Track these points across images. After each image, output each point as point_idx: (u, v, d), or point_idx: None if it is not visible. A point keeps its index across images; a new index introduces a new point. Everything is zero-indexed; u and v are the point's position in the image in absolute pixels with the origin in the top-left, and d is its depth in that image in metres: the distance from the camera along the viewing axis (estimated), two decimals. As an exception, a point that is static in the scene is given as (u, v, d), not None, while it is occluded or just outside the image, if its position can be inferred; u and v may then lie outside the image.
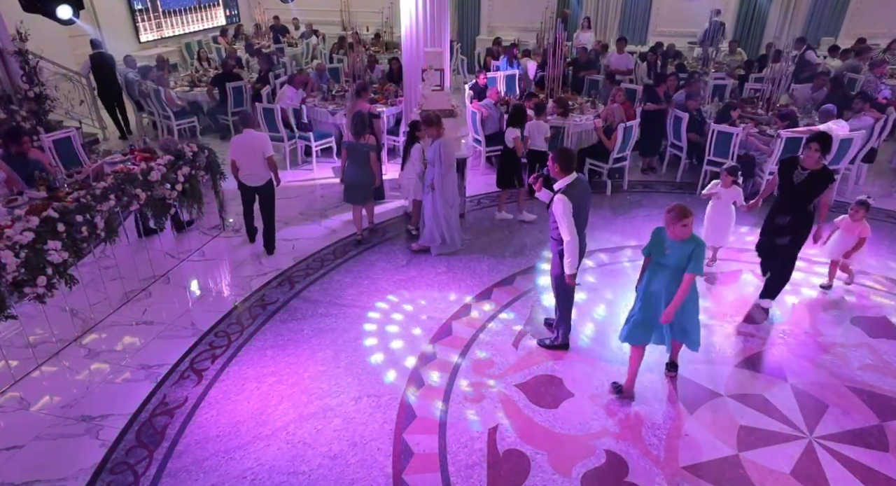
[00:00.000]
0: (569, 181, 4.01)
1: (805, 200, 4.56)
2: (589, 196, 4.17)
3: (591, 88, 9.62)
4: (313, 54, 12.82)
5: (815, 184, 4.49)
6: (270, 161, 5.68)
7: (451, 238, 5.97)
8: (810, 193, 4.52)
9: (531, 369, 4.41)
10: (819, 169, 4.48)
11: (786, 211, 4.68)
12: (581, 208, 4.04)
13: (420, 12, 6.75)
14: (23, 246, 3.98)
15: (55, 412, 3.95)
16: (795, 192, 4.58)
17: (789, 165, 4.63)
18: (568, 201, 3.92)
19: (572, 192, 3.97)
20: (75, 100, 8.91)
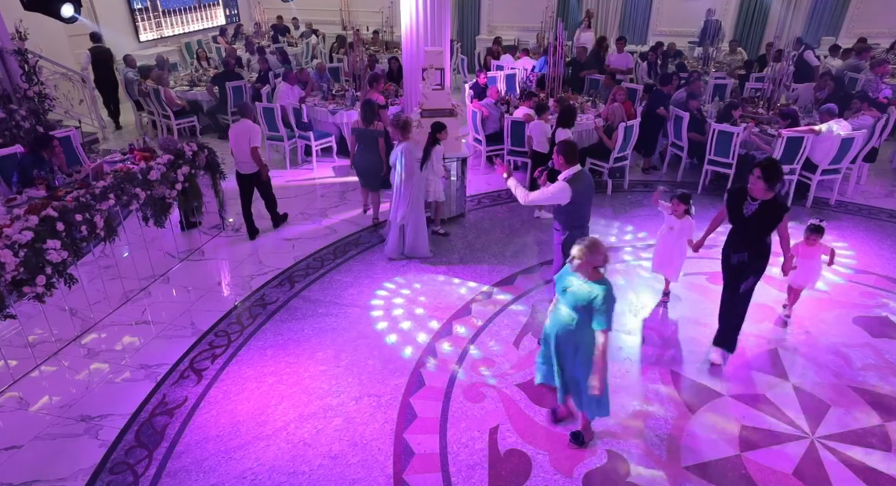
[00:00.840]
0: (573, 172, 4.18)
1: (759, 234, 3.99)
2: (592, 190, 4.33)
3: (592, 87, 9.61)
4: (313, 54, 12.81)
5: (768, 216, 3.92)
6: (254, 152, 5.81)
7: (413, 244, 5.78)
8: (763, 227, 3.96)
9: (532, 369, 4.38)
10: (770, 199, 3.91)
11: (741, 246, 4.10)
12: (583, 200, 4.18)
13: (420, 11, 6.73)
14: (22, 245, 3.96)
15: (54, 412, 3.93)
16: (748, 225, 3.99)
17: (738, 196, 4.03)
18: (569, 188, 4.11)
19: (576, 182, 4.14)
20: (75, 99, 8.89)
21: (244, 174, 5.98)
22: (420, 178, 5.64)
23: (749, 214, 3.95)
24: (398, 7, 7.61)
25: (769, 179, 3.82)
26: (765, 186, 3.85)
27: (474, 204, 7.19)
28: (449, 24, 7.05)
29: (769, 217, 3.92)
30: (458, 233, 6.47)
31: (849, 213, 6.99)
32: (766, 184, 3.84)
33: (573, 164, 4.18)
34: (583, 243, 3.13)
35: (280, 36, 13.15)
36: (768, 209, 3.91)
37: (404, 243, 5.82)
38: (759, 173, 3.83)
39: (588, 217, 4.33)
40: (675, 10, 12.48)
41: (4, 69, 7.19)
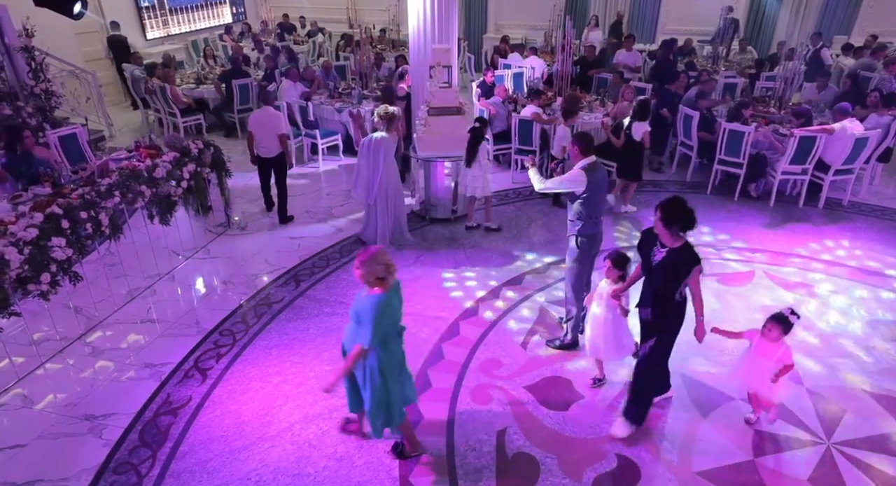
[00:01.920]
0: (588, 162, 4.17)
1: (666, 287, 3.34)
2: (606, 182, 4.34)
3: (600, 85, 9.52)
4: (319, 52, 12.78)
5: (676, 267, 3.28)
6: (282, 138, 6.22)
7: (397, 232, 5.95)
8: (668, 279, 3.32)
9: (540, 371, 4.34)
10: (678, 248, 3.27)
11: (646, 301, 3.52)
12: (597, 190, 4.18)
13: (428, 9, 6.66)
14: (27, 243, 3.94)
15: (59, 411, 3.90)
16: (653, 275, 3.42)
17: (648, 239, 3.44)
18: (584, 175, 4.11)
19: (591, 172, 4.14)
20: (81, 96, 8.89)
21: (266, 158, 6.31)
22: (395, 168, 5.74)
23: (655, 262, 3.36)
24: (405, 5, 7.55)
25: (669, 222, 3.20)
26: (667, 231, 3.24)
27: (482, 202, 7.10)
28: (456, 22, 6.98)
29: (676, 269, 3.28)
30: (463, 232, 6.41)
31: (862, 213, 6.88)
32: (666, 228, 3.23)
33: (589, 154, 4.18)
34: (364, 254, 2.99)
35: (286, 34, 13.13)
36: (676, 259, 3.27)
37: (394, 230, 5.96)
38: (659, 215, 3.23)
39: (602, 209, 4.30)
40: (685, 8, 12.35)
41: (11, 66, 7.19)
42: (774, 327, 3.44)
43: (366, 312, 2.98)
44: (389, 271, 3.02)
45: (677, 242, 3.28)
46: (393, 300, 3.07)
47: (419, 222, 6.62)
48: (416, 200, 6.79)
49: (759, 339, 3.55)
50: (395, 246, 5.95)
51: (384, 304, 2.99)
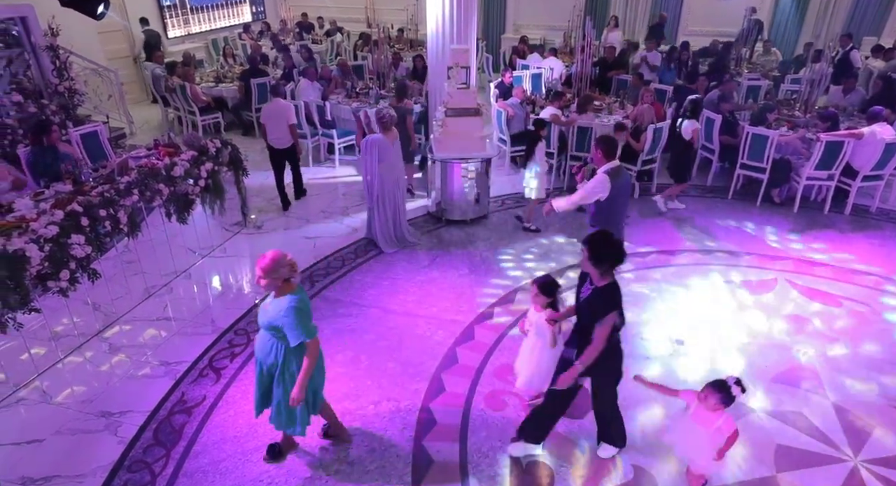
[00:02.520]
0: (612, 166, 4.14)
1: (590, 328, 3.08)
2: (629, 186, 4.34)
3: (620, 87, 9.40)
4: (337, 51, 12.80)
5: (594, 308, 3.02)
6: (291, 128, 6.47)
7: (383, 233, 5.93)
8: (591, 319, 3.06)
9: (556, 377, 4.26)
10: (603, 286, 3.00)
11: (572, 340, 3.27)
12: (620, 194, 4.14)
13: (447, 9, 6.63)
14: (47, 240, 3.97)
15: (76, 407, 3.93)
16: (579, 313, 3.20)
17: (583, 274, 3.20)
18: (609, 180, 4.06)
19: (615, 177, 4.10)
20: (103, 94, 9.00)
21: (278, 149, 6.55)
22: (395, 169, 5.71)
23: (582, 299, 3.12)
24: (424, 5, 7.52)
25: (597, 260, 2.96)
26: (595, 269, 2.98)
27: (498, 205, 7.06)
28: (475, 23, 6.94)
29: (594, 309, 3.02)
30: (480, 235, 6.35)
31: (891, 221, 6.69)
32: (594, 266, 2.97)
33: (612, 158, 4.14)
34: (264, 260, 2.90)
35: (305, 33, 13.17)
36: (597, 299, 3.02)
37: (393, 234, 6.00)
38: (587, 252, 2.98)
39: (623, 214, 4.27)
40: (708, 9, 12.14)
41: (37, 65, 7.30)
42: (712, 395, 2.94)
43: (288, 316, 2.91)
44: (294, 270, 3.00)
45: (604, 279, 3.02)
46: (304, 298, 3.06)
47: (435, 224, 6.58)
48: (431, 201, 6.75)
49: (697, 405, 3.04)
50: (399, 246, 5.98)
51: (301, 301, 2.98)
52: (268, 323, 3.02)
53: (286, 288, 2.99)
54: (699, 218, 6.74)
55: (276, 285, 2.96)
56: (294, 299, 2.95)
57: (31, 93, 7.07)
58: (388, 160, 5.62)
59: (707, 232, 6.40)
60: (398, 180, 5.81)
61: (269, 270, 2.89)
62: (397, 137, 5.72)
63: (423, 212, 6.84)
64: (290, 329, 2.94)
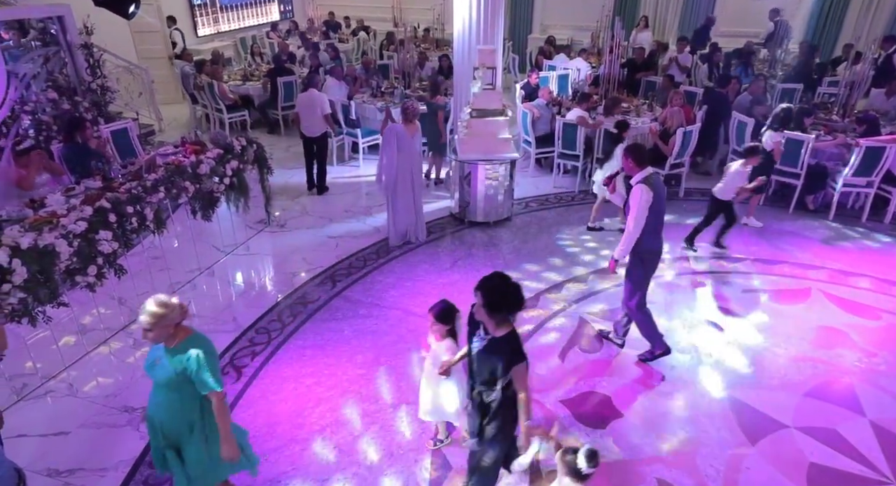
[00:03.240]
0: (646, 174, 3.95)
1: (490, 379, 2.70)
2: (665, 191, 4.09)
3: (648, 89, 9.22)
4: (363, 50, 12.84)
5: (493, 362, 2.64)
6: (327, 118, 7.01)
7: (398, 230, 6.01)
8: (486, 374, 2.71)
9: (577, 385, 4.19)
10: (501, 337, 2.63)
11: (468, 391, 2.96)
12: (660, 199, 3.95)
13: (474, 9, 6.57)
14: (76, 236, 4.03)
15: (100, 401, 3.99)
16: (477, 367, 2.78)
17: (472, 321, 2.79)
18: (648, 189, 3.87)
19: (651, 184, 3.91)
20: (134, 92, 9.16)
21: (310, 137, 7.02)
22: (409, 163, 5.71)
23: (476, 351, 2.75)
24: (450, 5, 7.48)
25: (493, 307, 2.56)
26: (490, 318, 2.60)
27: (521, 207, 6.98)
28: (502, 23, 6.87)
29: (493, 364, 2.64)
30: (503, 237, 6.29)
31: (932, 231, 6.43)
32: (488, 313, 2.58)
33: (643, 166, 3.97)
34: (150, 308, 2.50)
35: (332, 32, 13.24)
36: (493, 352, 2.64)
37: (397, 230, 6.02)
38: (481, 298, 2.56)
39: (663, 220, 4.07)
40: (741, 9, 11.83)
41: (72, 63, 7.46)
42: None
43: (194, 363, 2.55)
44: (185, 313, 2.60)
45: (501, 329, 2.63)
46: (204, 337, 2.68)
47: (457, 225, 6.53)
48: (454, 202, 6.70)
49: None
50: (405, 240, 6.09)
51: (205, 342, 2.63)
52: (167, 377, 2.60)
53: (180, 333, 2.62)
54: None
55: (166, 333, 2.57)
56: (195, 341, 2.61)
57: (66, 90, 7.23)
58: (406, 151, 5.67)
59: (736, 239, 6.21)
60: (413, 173, 5.82)
61: (156, 322, 2.50)
62: (418, 131, 5.79)
63: (446, 213, 6.80)
64: (201, 377, 2.55)
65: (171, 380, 2.60)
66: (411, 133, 5.68)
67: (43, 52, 6.94)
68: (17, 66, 6.60)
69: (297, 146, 8.89)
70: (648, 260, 4.13)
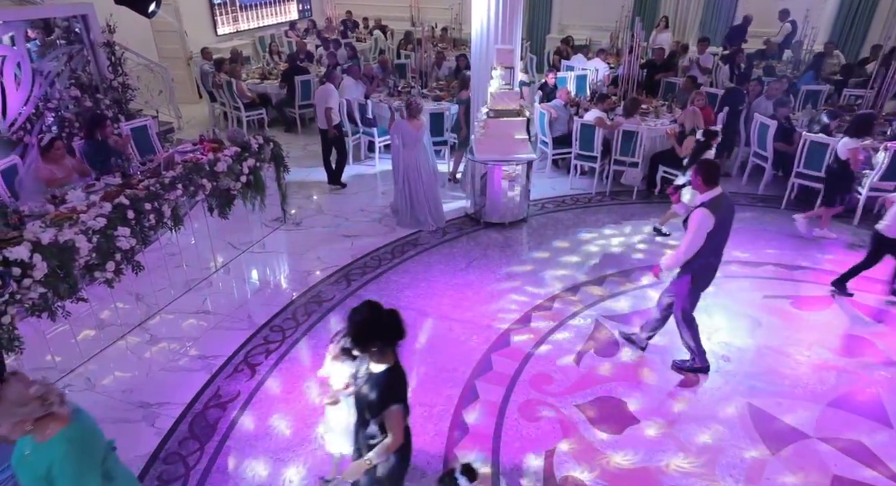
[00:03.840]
0: (714, 195, 3.68)
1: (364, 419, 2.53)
2: (733, 215, 3.79)
3: (668, 90, 9.09)
4: (380, 50, 12.85)
5: (372, 398, 2.43)
6: (325, 112, 6.95)
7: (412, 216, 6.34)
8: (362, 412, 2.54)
9: (593, 389, 4.13)
10: (380, 372, 2.41)
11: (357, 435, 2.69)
12: (723, 227, 3.69)
13: (492, 9, 6.52)
14: (95, 232, 4.07)
15: (117, 396, 4.02)
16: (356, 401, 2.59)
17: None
18: (710, 215, 3.60)
19: (717, 208, 3.62)
20: (154, 90, 9.26)
21: (321, 129, 7.19)
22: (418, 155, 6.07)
23: (356, 386, 2.57)
24: (468, 4, 7.45)
25: (362, 342, 2.35)
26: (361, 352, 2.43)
27: (538, 209, 6.92)
28: (521, 23, 6.81)
29: (369, 401, 2.43)
30: (519, 239, 6.23)
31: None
32: (361, 349, 2.38)
33: (712, 185, 3.65)
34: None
35: (349, 31, 13.28)
36: (371, 387, 2.43)
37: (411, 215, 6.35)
38: (350, 329, 2.35)
39: (723, 245, 3.82)
40: (765, 9, 11.61)
41: (95, 61, 7.56)
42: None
43: (57, 465, 2.06)
44: (46, 403, 2.05)
45: (381, 363, 2.40)
46: (84, 428, 2.19)
47: (472, 226, 6.49)
48: (469, 203, 6.66)
49: None
50: (414, 227, 6.34)
51: (79, 439, 2.12)
52: (33, 479, 2.12)
53: (50, 424, 2.08)
54: (749, 229, 6.43)
55: (23, 429, 2.03)
56: (67, 437, 2.08)
57: (88, 87, 7.32)
58: (410, 146, 6.06)
59: (757, 243, 6.09)
60: (419, 166, 6.16)
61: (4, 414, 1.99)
62: (423, 126, 6.20)
63: (462, 213, 6.76)
64: (72, 480, 2.07)
65: (36, 478, 2.09)
66: (416, 128, 6.03)
67: (67, 51, 7.03)
68: (42, 63, 6.70)
69: (314, 145, 8.95)
70: (701, 276, 3.93)
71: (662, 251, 5.90)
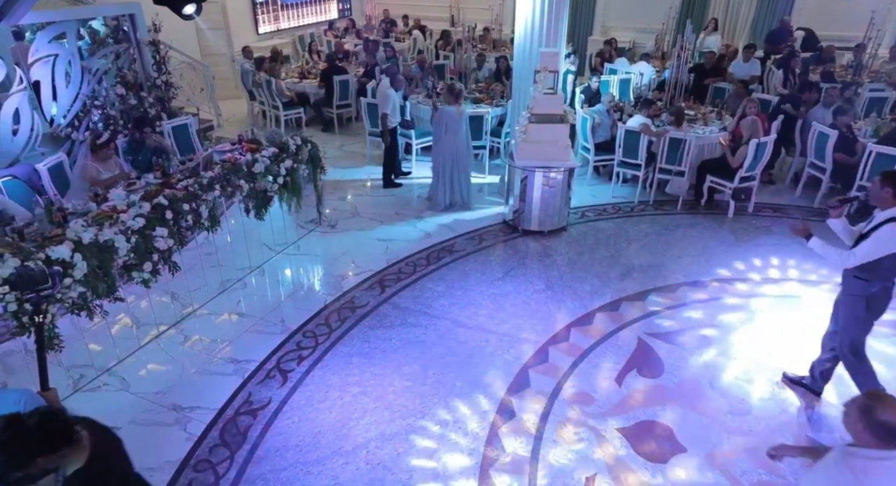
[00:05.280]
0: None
1: None
2: None
3: (717, 96, 8.71)
4: (419, 50, 12.76)
5: None
6: (383, 117, 7.03)
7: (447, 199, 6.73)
8: None
9: (636, 412, 3.91)
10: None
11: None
12: None
13: (537, 10, 6.33)
14: (134, 232, 4.07)
15: (150, 397, 4.00)
16: None
17: None
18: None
19: None
20: (196, 87, 9.38)
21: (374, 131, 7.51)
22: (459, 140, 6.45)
23: None
24: (509, 5, 7.27)
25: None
26: None
27: (578, 217, 6.69)
28: (566, 24, 6.59)
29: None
30: (558, 248, 6.03)
31: None
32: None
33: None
34: None
35: (388, 31, 13.23)
36: None
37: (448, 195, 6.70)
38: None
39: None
40: (825, 8, 11.03)
41: (140, 59, 7.67)
42: None
43: None
44: None
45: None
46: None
47: (510, 233, 6.32)
48: (508, 210, 6.48)
49: None
50: (450, 207, 6.72)
51: None
52: None
53: None
54: (803, 244, 6.05)
55: None
56: None
57: (133, 85, 7.43)
58: (453, 131, 6.38)
59: (812, 259, 5.74)
60: (460, 152, 6.51)
61: None
62: (464, 112, 6.45)
63: (499, 219, 6.59)
64: None
65: None
66: (459, 114, 6.33)
67: (114, 49, 7.15)
68: (91, 61, 6.82)
69: (351, 145, 8.93)
70: (876, 303, 3.56)
71: (710, 266, 5.62)
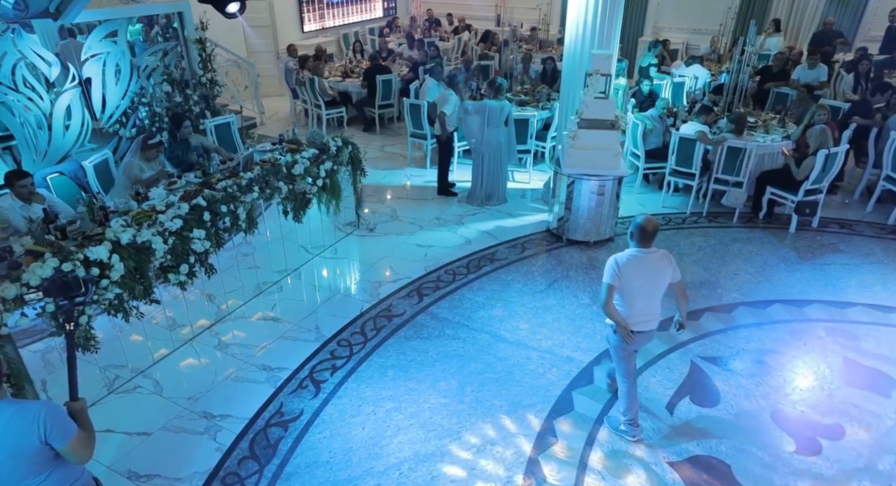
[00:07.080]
0: None
1: None
2: None
3: (779, 102, 8.18)
4: (463, 50, 12.55)
5: None
6: (440, 116, 6.87)
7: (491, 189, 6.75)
8: None
9: (689, 446, 3.61)
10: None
11: None
12: None
13: (590, 9, 6.03)
14: (171, 233, 4.01)
15: (181, 403, 3.93)
16: None
17: None
18: None
19: None
20: (240, 85, 9.43)
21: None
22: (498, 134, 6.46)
23: None
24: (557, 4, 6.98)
25: None
26: None
27: (625, 227, 6.33)
28: (620, 26, 6.27)
29: None
30: (605, 260, 5.68)
31: None
32: None
33: None
34: None
35: (433, 30, 13.08)
36: None
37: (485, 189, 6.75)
38: None
39: None
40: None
41: (187, 57, 7.73)
42: None
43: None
44: None
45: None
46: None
47: (554, 242, 6.05)
48: (553, 217, 6.21)
49: None
50: (486, 203, 6.74)
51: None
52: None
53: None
54: (875, 265, 5.59)
55: None
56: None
57: (178, 83, 7.49)
58: (494, 125, 6.42)
59: (887, 283, 5.27)
60: (500, 146, 6.53)
61: None
62: (507, 106, 6.47)
63: (542, 228, 6.33)
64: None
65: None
66: (500, 108, 6.34)
67: (162, 47, 7.21)
68: (140, 58, 6.89)
69: (392, 146, 8.81)
70: None
71: (770, 285, 5.22)
